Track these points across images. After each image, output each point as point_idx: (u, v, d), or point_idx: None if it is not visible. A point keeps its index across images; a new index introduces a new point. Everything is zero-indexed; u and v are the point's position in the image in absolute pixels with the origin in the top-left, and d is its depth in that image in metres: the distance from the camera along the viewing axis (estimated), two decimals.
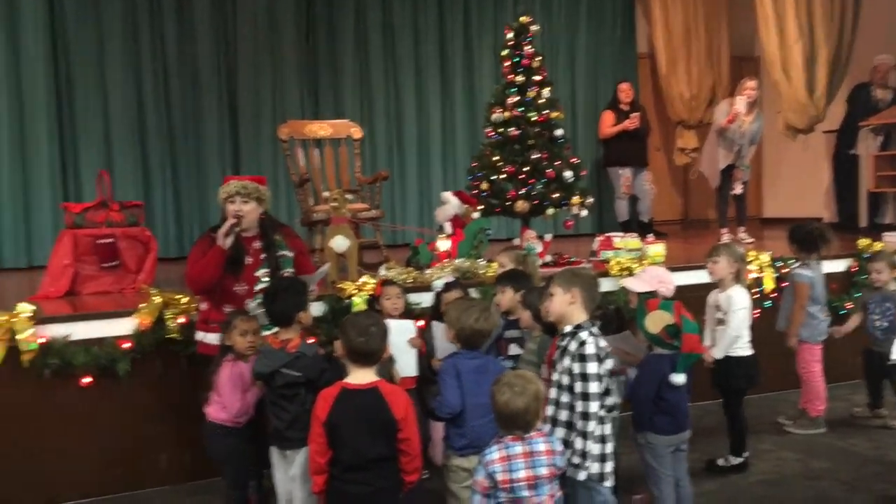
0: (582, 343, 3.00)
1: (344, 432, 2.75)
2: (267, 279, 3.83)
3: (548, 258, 5.72)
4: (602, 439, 3.03)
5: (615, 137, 8.49)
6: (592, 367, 2.97)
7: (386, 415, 2.76)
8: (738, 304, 4.24)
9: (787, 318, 4.90)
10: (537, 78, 6.05)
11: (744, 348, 4.27)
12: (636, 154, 8.52)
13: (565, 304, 3.11)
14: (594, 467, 3.00)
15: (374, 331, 2.84)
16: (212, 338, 3.85)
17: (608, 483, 3.06)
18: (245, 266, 3.86)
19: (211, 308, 3.88)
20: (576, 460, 2.97)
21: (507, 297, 3.77)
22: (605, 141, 8.74)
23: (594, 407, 2.95)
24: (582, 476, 2.98)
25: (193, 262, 3.79)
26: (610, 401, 3.08)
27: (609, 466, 3.05)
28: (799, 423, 4.95)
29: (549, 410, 3.03)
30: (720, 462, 4.29)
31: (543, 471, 2.66)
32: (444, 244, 5.48)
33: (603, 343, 3.10)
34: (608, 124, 8.53)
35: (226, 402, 3.55)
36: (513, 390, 2.66)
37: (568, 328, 3.10)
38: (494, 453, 2.67)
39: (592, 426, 2.97)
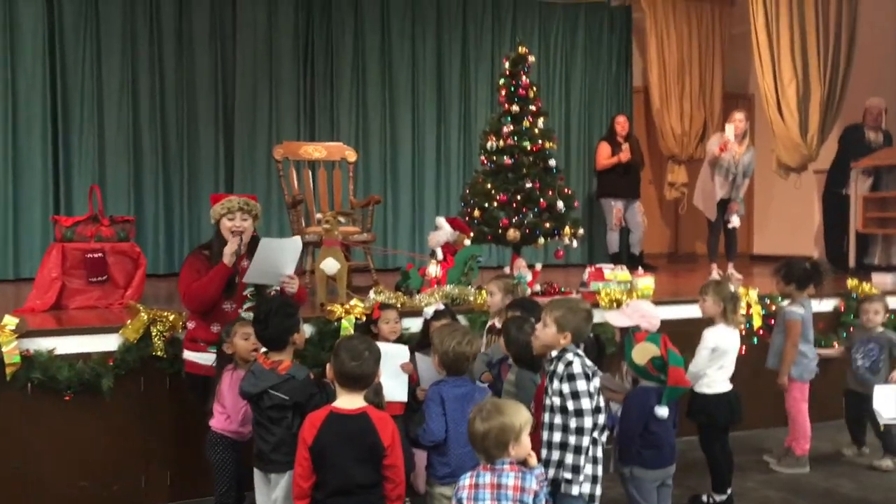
0: (569, 363, 3.07)
1: (330, 457, 2.72)
2: (254, 297, 3.84)
3: (537, 287, 5.72)
4: (594, 460, 3.05)
5: (609, 169, 8.56)
6: (581, 385, 3.03)
7: (374, 440, 2.74)
8: (703, 343, 4.25)
9: (776, 356, 4.91)
10: (533, 108, 6.11)
11: (711, 386, 4.25)
12: (629, 186, 8.58)
13: (556, 341, 3.15)
14: (586, 487, 3.02)
15: (368, 356, 2.83)
16: (199, 357, 3.83)
17: None
18: (236, 284, 3.86)
19: (199, 327, 3.87)
20: (567, 475, 2.99)
21: None
22: (598, 172, 8.80)
23: (588, 423, 3.00)
24: (574, 490, 2.99)
25: (190, 280, 3.79)
26: (602, 418, 3.10)
27: (598, 490, 3.07)
28: (784, 462, 4.94)
29: (544, 435, 3.06)
30: (704, 498, 4.27)
31: None
32: (434, 269, 5.48)
33: (589, 362, 3.14)
34: (604, 156, 8.60)
35: (229, 411, 3.56)
36: (480, 414, 2.66)
37: (554, 352, 3.16)
38: (466, 479, 2.68)
39: (586, 441, 3.00)
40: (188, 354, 3.92)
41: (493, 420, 2.63)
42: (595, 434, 3.07)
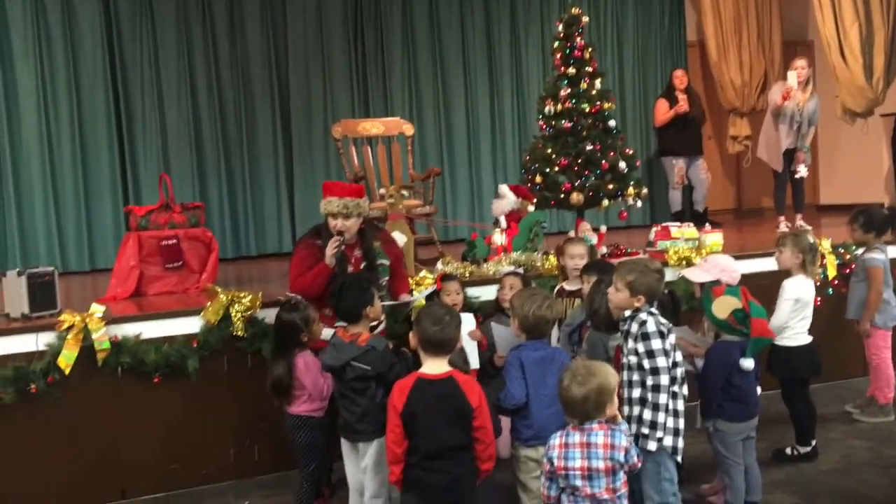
0: (643, 322, 3.10)
1: (421, 421, 2.79)
2: None
3: (603, 249, 5.70)
4: (675, 413, 3.08)
5: (669, 126, 8.40)
6: (657, 343, 3.06)
7: (462, 403, 2.80)
8: (784, 294, 4.20)
9: (858, 305, 4.82)
10: (589, 69, 6.02)
11: (792, 339, 4.20)
12: (690, 142, 8.42)
13: (630, 303, 3.18)
14: (668, 440, 3.06)
15: (449, 320, 2.89)
16: None
17: (679, 458, 3.11)
18: (347, 275, 3.94)
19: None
20: (644, 430, 3.04)
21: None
22: (658, 130, 8.66)
23: (664, 380, 3.03)
24: (652, 446, 3.02)
25: (298, 272, 3.91)
26: (679, 372, 3.13)
27: (681, 442, 3.10)
28: (868, 411, 4.87)
29: (624, 392, 3.09)
30: (788, 451, 4.24)
31: (599, 463, 2.65)
32: (499, 238, 5.49)
33: (663, 320, 3.15)
34: (663, 111, 8.44)
35: (309, 391, 3.63)
36: (575, 379, 2.70)
37: (627, 312, 3.19)
38: (556, 439, 2.74)
39: (664, 398, 3.03)
40: None
41: (590, 383, 2.66)
42: (675, 388, 3.09)
